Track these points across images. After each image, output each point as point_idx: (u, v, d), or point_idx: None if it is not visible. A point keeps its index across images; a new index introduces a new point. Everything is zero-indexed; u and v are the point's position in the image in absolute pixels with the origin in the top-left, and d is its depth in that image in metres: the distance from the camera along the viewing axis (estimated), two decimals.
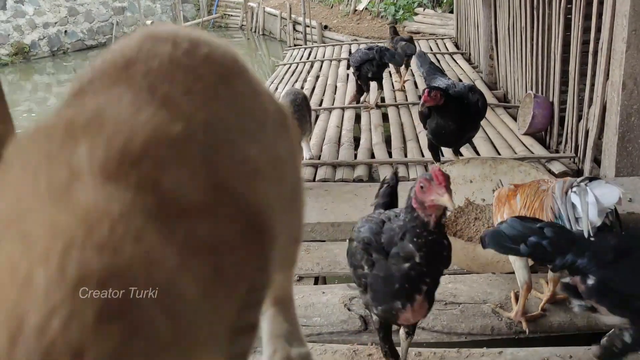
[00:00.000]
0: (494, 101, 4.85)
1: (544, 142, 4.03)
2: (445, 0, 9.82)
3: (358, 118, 4.81)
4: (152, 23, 11.15)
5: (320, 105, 5.27)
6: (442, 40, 7.77)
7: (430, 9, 10.10)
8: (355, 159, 3.85)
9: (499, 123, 4.38)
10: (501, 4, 5.09)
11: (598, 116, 3.23)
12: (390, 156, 3.93)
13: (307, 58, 7.43)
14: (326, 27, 10.74)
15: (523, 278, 1.90)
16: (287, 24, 10.76)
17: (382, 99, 5.16)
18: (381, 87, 4.99)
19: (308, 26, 9.47)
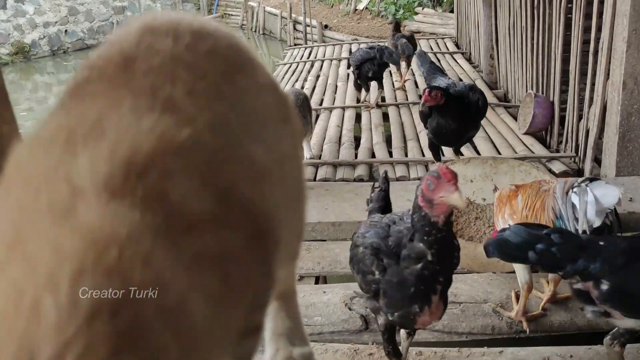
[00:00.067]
0: (495, 101, 4.85)
1: (545, 142, 4.04)
2: None
3: (358, 117, 4.81)
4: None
5: (320, 104, 5.27)
6: (443, 39, 7.77)
7: (430, 9, 10.10)
8: (355, 159, 3.85)
9: (500, 122, 4.38)
10: (501, 4, 5.09)
11: (598, 116, 3.23)
12: (390, 156, 3.94)
13: (308, 57, 7.42)
14: (326, 27, 10.74)
15: (524, 278, 1.91)
16: (288, 24, 10.77)
17: (383, 99, 5.16)
18: (381, 87, 4.99)
19: (308, 25, 9.47)
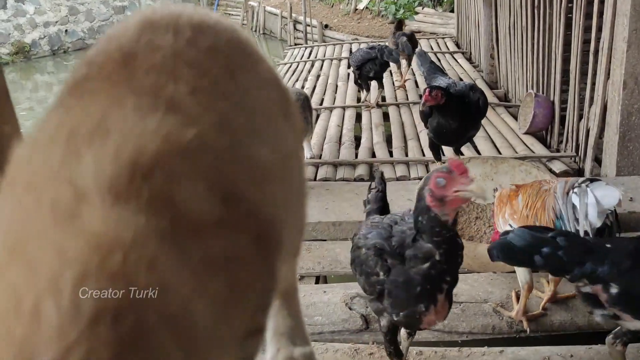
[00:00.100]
0: (495, 100, 4.85)
1: (545, 142, 4.04)
2: None
3: (359, 117, 4.81)
4: None
5: (321, 104, 5.27)
6: (443, 39, 7.76)
7: (430, 8, 10.10)
8: (356, 158, 3.85)
9: (500, 122, 4.38)
10: (502, 3, 5.09)
11: (599, 115, 3.23)
12: (391, 155, 3.94)
13: (308, 57, 7.42)
14: (327, 26, 10.74)
15: (524, 277, 1.91)
16: (288, 23, 10.77)
17: (383, 98, 5.16)
18: (382, 86, 4.99)
19: (309, 25, 9.47)
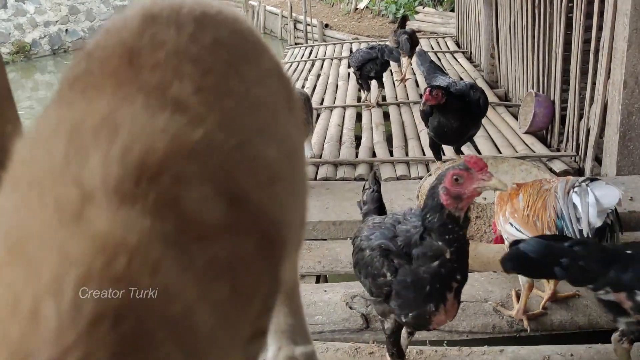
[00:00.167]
0: (495, 100, 4.85)
1: (545, 141, 4.04)
2: None
3: (359, 117, 4.81)
4: None
5: (321, 104, 5.27)
6: (443, 38, 7.77)
7: (431, 8, 10.10)
8: (356, 158, 3.86)
9: (500, 122, 4.38)
10: (502, 3, 5.09)
11: (599, 115, 3.23)
12: (391, 155, 3.94)
13: (308, 57, 7.43)
14: (327, 26, 10.74)
15: (525, 278, 1.91)
16: (288, 23, 10.77)
17: (384, 98, 5.16)
18: (382, 86, 4.99)
19: (309, 25, 9.47)
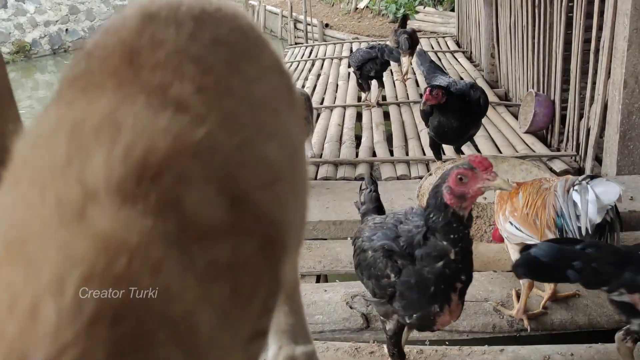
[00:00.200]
0: (495, 99, 4.85)
1: (545, 141, 4.04)
2: None
3: (359, 116, 4.81)
4: None
5: (321, 103, 5.27)
6: (444, 38, 7.77)
7: (431, 7, 10.10)
8: (356, 158, 3.86)
9: (500, 121, 4.38)
10: (502, 2, 5.09)
11: (599, 114, 3.23)
12: (391, 154, 3.94)
13: (309, 56, 7.42)
14: (327, 26, 10.74)
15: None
16: (288, 22, 10.76)
17: (384, 97, 5.16)
18: (382, 85, 5.00)
19: (309, 24, 9.47)
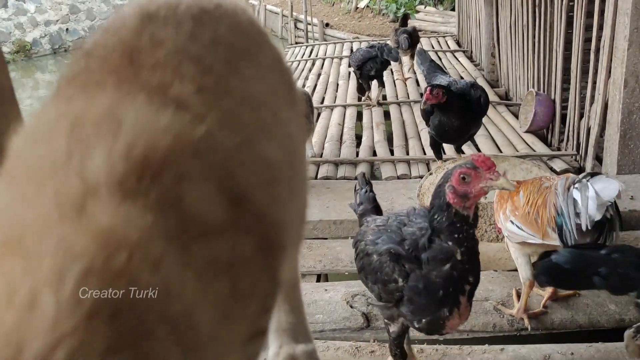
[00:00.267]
0: (496, 99, 4.85)
1: (546, 140, 4.03)
2: None
3: (360, 116, 4.81)
4: None
5: (322, 103, 5.27)
6: (444, 37, 7.77)
7: (431, 7, 10.10)
8: (357, 157, 3.86)
9: (501, 121, 4.38)
10: (503, 2, 5.09)
11: (600, 114, 3.23)
12: (392, 154, 3.94)
13: (309, 56, 7.42)
14: (327, 25, 10.73)
15: (525, 275, 1.91)
16: (289, 22, 10.76)
17: (384, 97, 5.16)
18: (382, 85, 4.99)
19: (309, 24, 9.47)
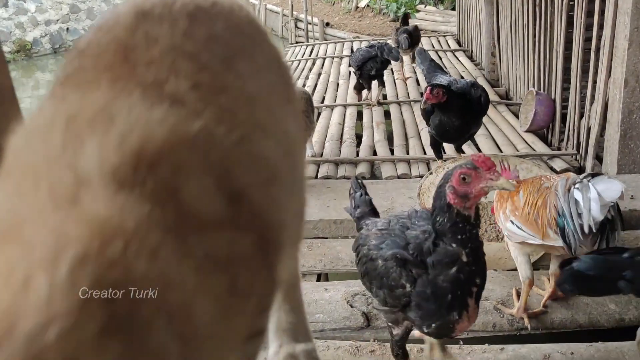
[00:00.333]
0: (496, 98, 4.84)
1: (546, 140, 4.03)
2: None
3: (360, 115, 4.81)
4: None
5: (322, 102, 5.27)
6: (444, 37, 7.76)
7: (432, 6, 10.09)
8: (357, 157, 3.86)
9: (501, 120, 4.38)
10: (503, 1, 5.09)
11: (600, 113, 3.23)
12: (392, 153, 3.94)
13: (309, 55, 7.41)
14: (328, 24, 10.73)
15: (525, 274, 1.91)
16: (289, 21, 10.75)
17: (384, 96, 5.16)
18: (383, 84, 4.99)
19: (310, 23, 9.46)
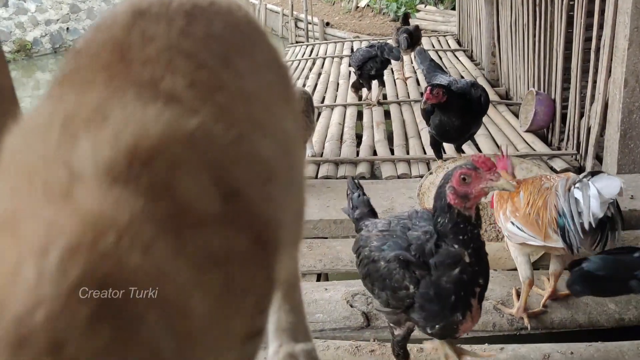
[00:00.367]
0: (496, 98, 4.84)
1: (546, 140, 4.03)
2: None
3: (360, 115, 4.81)
4: None
5: (322, 102, 5.27)
6: (444, 37, 7.76)
7: (432, 6, 10.09)
8: (357, 156, 3.86)
9: (501, 120, 4.38)
10: (503, 1, 5.08)
11: (600, 113, 3.23)
12: (392, 153, 3.94)
13: (309, 55, 7.41)
14: (328, 24, 10.73)
15: (525, 274, 1.91)
16: (289, 21, 10.75)
17: (384, 96, 5.16)
18: (383, 84, 4.99)
19: (310, 23, 9.46)
